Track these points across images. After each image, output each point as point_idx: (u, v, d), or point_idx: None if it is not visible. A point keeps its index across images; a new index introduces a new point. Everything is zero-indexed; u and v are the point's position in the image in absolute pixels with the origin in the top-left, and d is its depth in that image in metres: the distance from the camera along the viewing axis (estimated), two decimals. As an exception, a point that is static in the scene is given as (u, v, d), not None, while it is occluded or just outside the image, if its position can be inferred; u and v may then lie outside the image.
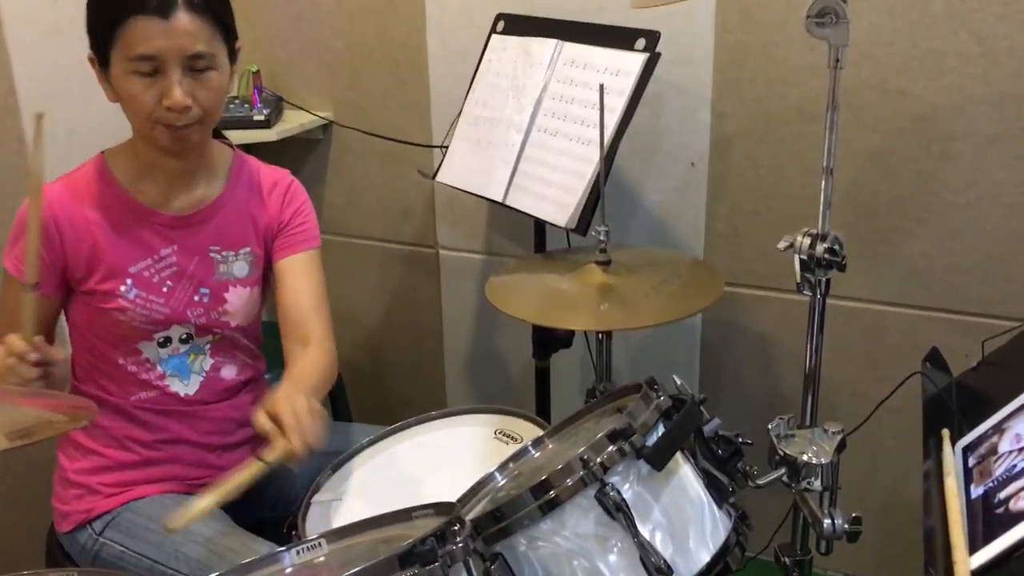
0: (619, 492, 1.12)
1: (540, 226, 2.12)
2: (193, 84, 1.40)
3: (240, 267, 1.60)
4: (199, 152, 1.54)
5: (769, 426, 1.48)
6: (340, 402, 2.41)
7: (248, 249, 1.61)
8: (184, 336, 1.58)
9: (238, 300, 1.60)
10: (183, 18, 1.37)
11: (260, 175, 1.65)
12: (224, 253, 1.59)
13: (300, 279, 1.63)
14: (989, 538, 1.04)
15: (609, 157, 1.71)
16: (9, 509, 2.03)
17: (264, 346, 1.74)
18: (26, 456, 1.93)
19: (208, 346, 1.61)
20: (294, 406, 1.33)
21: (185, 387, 1.59)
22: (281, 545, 1.22)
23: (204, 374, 1.61)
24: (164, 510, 1.53)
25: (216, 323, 1.59)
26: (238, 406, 1.65)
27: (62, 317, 1.58)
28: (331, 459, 1.61)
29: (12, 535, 2.04)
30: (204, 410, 1.61)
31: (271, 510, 1.72)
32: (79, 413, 1.08)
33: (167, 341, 1.56)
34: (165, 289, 1.53)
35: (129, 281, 1.50)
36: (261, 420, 1.33)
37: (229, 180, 1.61)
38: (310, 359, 1.57)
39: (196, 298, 1.56)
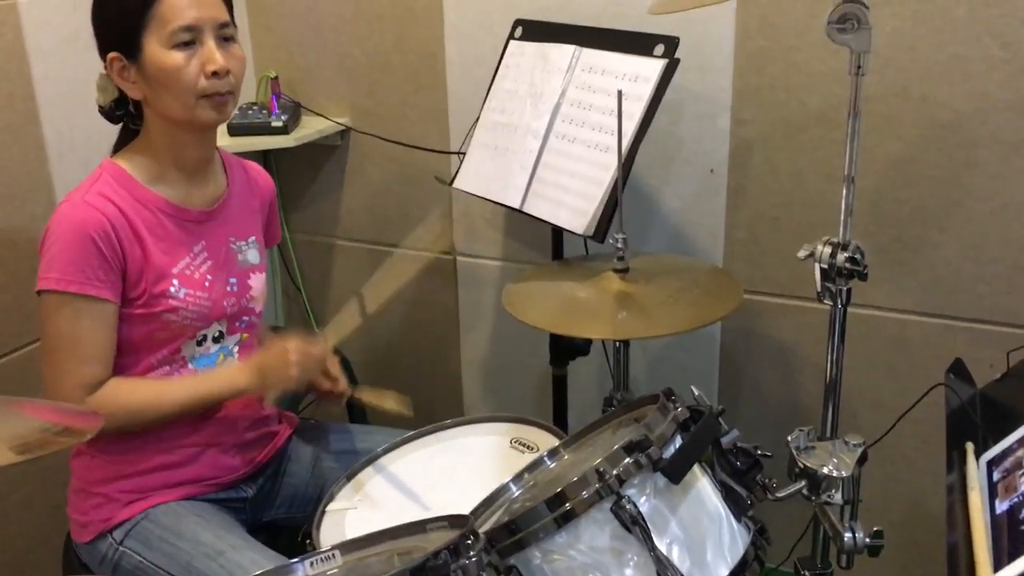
0: (635, 505, 1.10)
1: (557, 233, 2.11)
2: (224, 54, 1.48)
3: (253, 255, 1.67)
4: (214, 142, 1.61)
5: (789, 438, 1.46)
6: (356, 409, 2.40)
7: (254, 238, 1.69)
8: (217, 335, 1.61)
9: (259, 285, 1.67)
10: None
11: (243, 166, 1.73)
12: (239, 243, 1.65)
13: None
14: (1014, 555, 1.01)
15: (627, 164, 1.70)
16: (24, 518, 2.03)
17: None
18: (41, 464, 1.93)
19: (236, 348, 1.64)
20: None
21: None
22: (295, 554, 1.22)
23: None
24: (179, 520, 1.54)
25: (246, 310, 1.65)
26: (248, 404, 1.66)
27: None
28: (347, 464, 1.61)
29: (27, 544, 2.04)
30: (219, 410, 1.62)
31: (287, 510, 1.73)
32: (82, 427, 1.07)
33: (204, 339, 1.59)
34: (207, 284, 1.57)
35: (176, 281, 1.52)
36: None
37: (228, 173, 1.67)
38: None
39: (228, 288, 1.61)
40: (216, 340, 1.61)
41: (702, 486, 1.20)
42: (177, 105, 1.48)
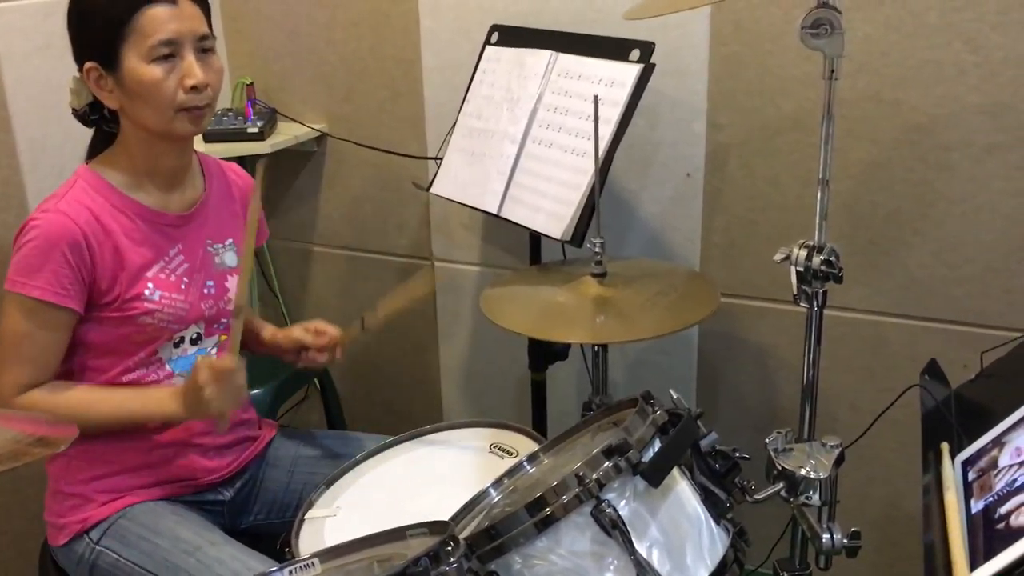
0: (615, 509, 1.10)
1: (535, 238, 2.11)
2: (203, 67, 1.47)
3: (230, 257, 1.66)
4: (191, 151, 1.60)
5: (767, 440, 1.47)
6: (335, 415, 2.39)
7: (232, 240, 1.67)
8: (195, 336, 1.60)
9: (236, 288, 1.64)
10: (186, 3, 1.46)
11: (222, 168, 1.72)
12: (216, 246, 1.64)
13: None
14: (990, 554, 1.02)
15: (604, 168, 1.71)
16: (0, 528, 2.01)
17: (260, 361, 1.75)
18: (16, 475, 1.91)
19: (214, 350, 1.63)
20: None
21: None
22: (275, 562, 1.21)
23: None
24: (157, 518, 1.54)
25: (224, 312, 1.63)
26: None
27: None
28: (326, 470, 1.60)
29: (2, 551, 2.02)
30: None
31: (265, 516, 1.73)
32: (58, 437, 1.06)
33: (181, 341, 1.59)
34: (183, 286, 1.56)
35: (151, 285, 1.52)
36: (299, 333, 1.72)
37: (205, 177, 1.66)
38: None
39: (205, 291, 1.60)
40: (194, 342, 1.60)
41: (681, 489, 1.21)
42: (154, 117, 1.47)
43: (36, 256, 1.44)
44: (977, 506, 1.12)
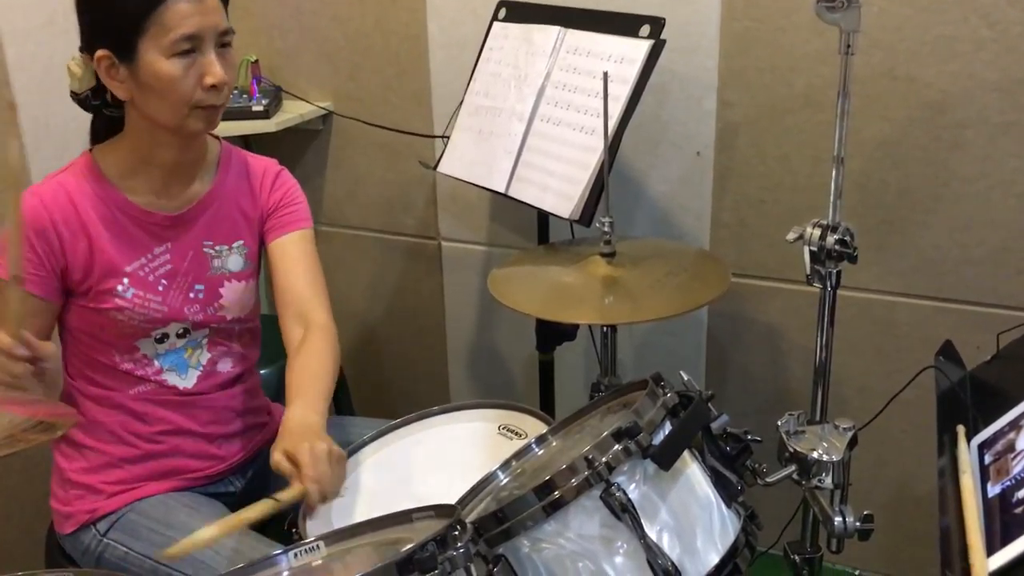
0: (625, 492, 1.09)
1: (543, 217, 2.09)
2: (222, 63, 1.42)
3: (235, 261, 1.60)
4: (200, 143, 1.54)
5: (779, 422, 1.45)
6: (342, 397, 2.38)
7: (241, 242, 1.60)
8: (181, 331, 1.57)
9: (233, 294, 1.59)
10: None
11: (249, 166, 1.64)
12: (218, 248, 1.58)
13: (294, 259, 1.62)
14: (1007, 539, 1.01)
15: (613, 147, 1.68)
16: (5, 510, 2.01)
17: (265, 340, 1.73)
18: (23, 456, 1.91)
19: (205, 340, 1.60)
20: (314, 449, 1.32)
21: (183, 381, 1.58)
22: (283, 544, 1.20)
23: (201, 368, 1.59)
24: (169, 511, 1.52)
25: (213, 318, 1.58)
26: (235, 395, 1.64)
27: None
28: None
29: (9, 536, 2.02)
30: (202, 400, 1.59)
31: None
32: (59, 420, 1.04)
33: (164, 337, 1.55)
34: (160, 288, 1.52)
35: (126, 280, 1.48)
36: (278, 458, 1.33)
37: (218, 173, 1.59)
38: (314, 349, 1.54)
39: (192, 295, 1.55)
40: (181, 336, 1.57)
41: (692, 472, 1.19)
42: (168, 113, 1.42)
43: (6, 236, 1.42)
44: (994, 490, 1.10)
